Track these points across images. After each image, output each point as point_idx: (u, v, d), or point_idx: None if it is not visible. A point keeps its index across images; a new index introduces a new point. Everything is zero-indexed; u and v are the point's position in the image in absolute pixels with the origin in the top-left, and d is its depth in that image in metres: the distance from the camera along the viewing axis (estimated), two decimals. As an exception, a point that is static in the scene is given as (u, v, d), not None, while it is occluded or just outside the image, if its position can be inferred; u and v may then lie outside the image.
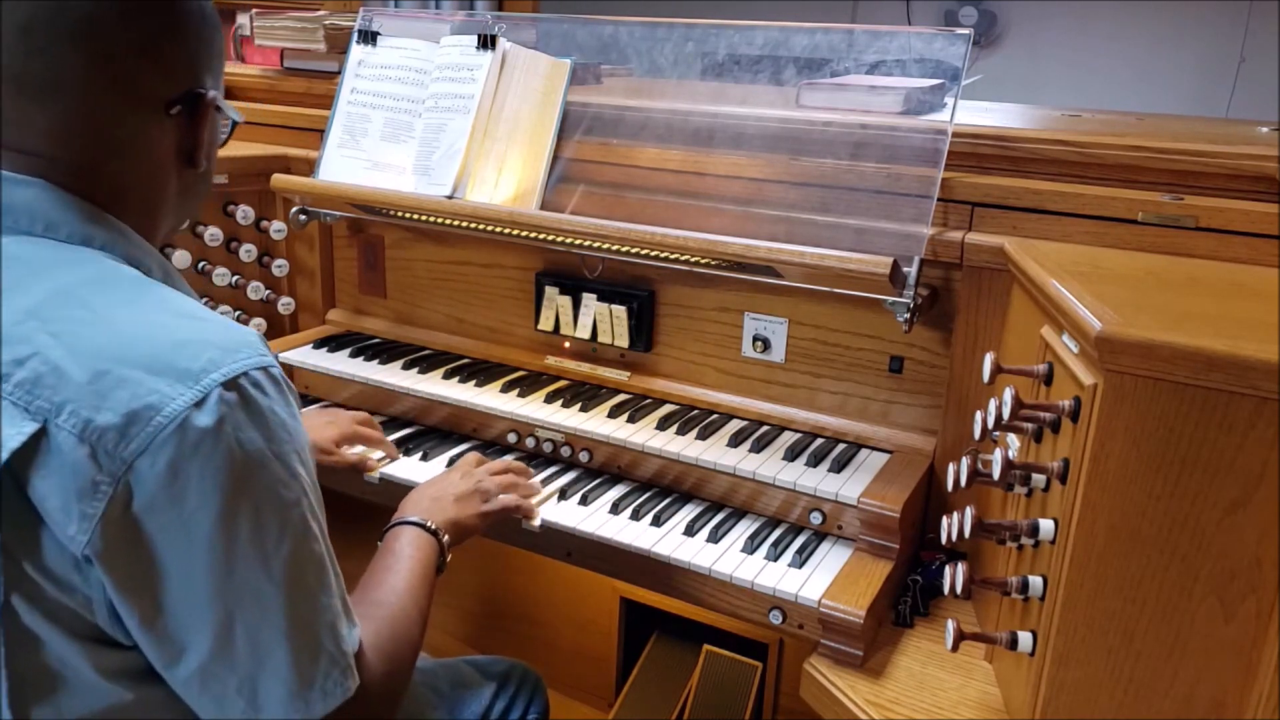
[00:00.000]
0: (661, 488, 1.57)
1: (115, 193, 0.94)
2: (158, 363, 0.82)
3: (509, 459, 1.55)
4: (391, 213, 1.78)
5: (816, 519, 1.44)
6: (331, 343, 1.93)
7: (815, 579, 1.33)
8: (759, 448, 1.54)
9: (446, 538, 1.26)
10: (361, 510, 1.54)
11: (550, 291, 1.77)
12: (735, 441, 1.55)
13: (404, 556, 1.18)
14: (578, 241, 1.62)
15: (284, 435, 0.87)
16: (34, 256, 0.88)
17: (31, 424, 0.79)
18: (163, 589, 0.82)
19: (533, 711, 1.48)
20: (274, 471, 0.85)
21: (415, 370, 1.81)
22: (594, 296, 1.73)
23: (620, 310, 1.71)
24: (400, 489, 1.53)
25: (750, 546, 1.40)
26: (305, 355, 1.87)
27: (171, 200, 1.01)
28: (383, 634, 1.02)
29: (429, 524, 1.25)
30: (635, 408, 1.66)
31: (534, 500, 1.48)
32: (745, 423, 1.63)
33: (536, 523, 1.45)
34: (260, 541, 0.84)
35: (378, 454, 1.61)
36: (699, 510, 1.51)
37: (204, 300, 1.91)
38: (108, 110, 0.92)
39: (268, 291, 1.97)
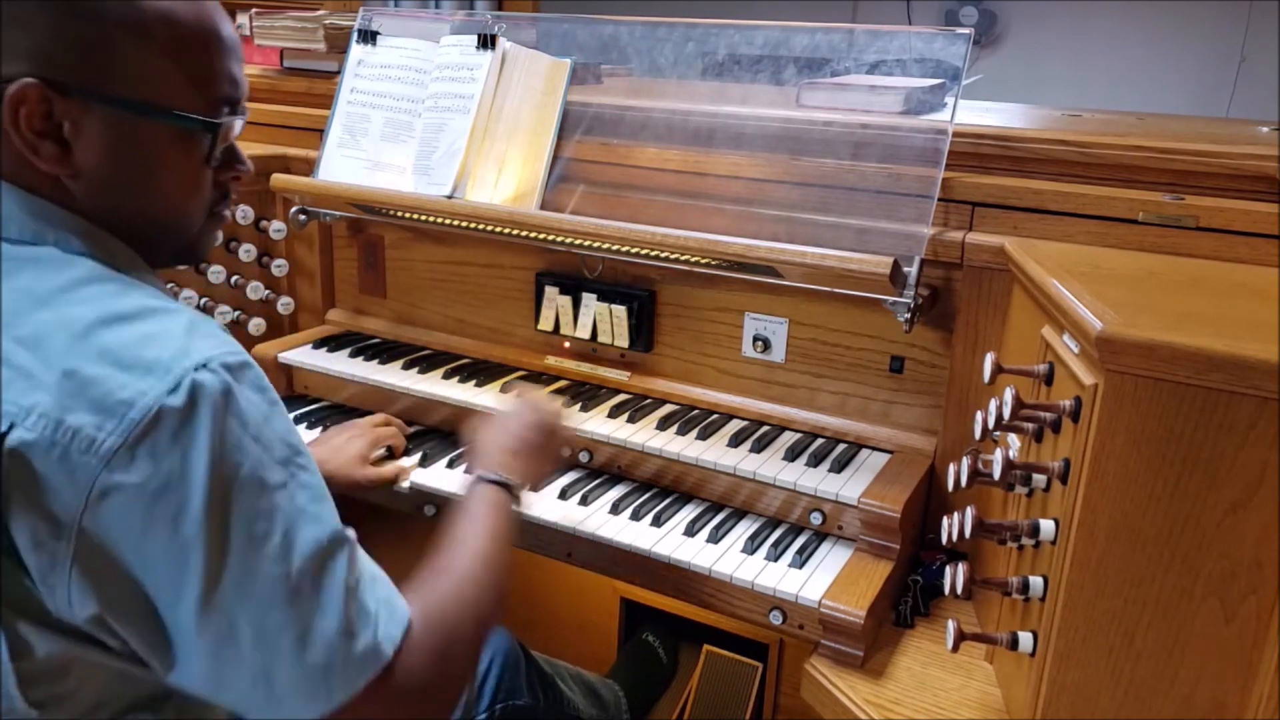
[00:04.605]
0: (661, 488, 1.57)
1: None
2: (125, 359, 0.81)
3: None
4: (391, 213, 1.77)
5: (817, 519, 1.44)
6: (331, 343, 1.92)
7: (815, 579, 1.33)
8: (759, 448, 1.54)
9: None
10: (365, 510, 1.54)
11: (550, 291, 1.76)
12: (735, 441, 1.55)
13: None
14: (578, 241, 1.61)
15: (260, 417, 0.85)
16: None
17: None
18: (152, 595, 0.81)
19: (497, 663, 1.44)
20: (256, 455, 0.83)
21: (415, 370, 1.81)
22: (594, 296, 1.72)
23: (620, 310, 1.70)
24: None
25: (750, 547, 1.40)
26: (305, 355, 1.87)
27: None
28: (433, 612, 0.94)
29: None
30: (635, 408, 1.65)
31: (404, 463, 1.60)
32: (745, 423, 1.63)
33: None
34: (251, 530, 0.82)
35: (405, 461, 1.61)
36: (699, 510, 1.51)
37: (203, 300, 1.90)
38: None
39: (267, 291, 1.96)
